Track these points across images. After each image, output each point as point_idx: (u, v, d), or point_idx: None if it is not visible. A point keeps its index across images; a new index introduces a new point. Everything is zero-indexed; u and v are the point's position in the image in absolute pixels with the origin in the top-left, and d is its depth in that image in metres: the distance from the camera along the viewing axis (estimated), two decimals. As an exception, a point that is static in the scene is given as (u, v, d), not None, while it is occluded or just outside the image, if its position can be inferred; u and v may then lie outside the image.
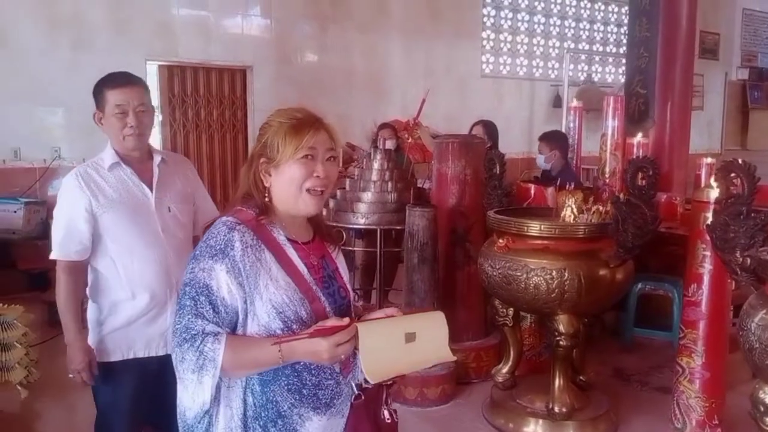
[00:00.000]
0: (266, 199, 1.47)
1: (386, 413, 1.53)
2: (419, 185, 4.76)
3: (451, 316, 3.79)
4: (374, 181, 4.18)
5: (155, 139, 6.45)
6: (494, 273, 3.07)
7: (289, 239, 1.49)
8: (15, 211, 5.30)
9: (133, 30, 6.00)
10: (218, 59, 6.50)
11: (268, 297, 1.40)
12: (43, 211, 5.54)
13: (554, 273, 2.89)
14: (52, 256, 2.15)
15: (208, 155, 6.61)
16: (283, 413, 1.44)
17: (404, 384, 3.44)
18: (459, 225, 3.79)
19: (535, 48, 8.75)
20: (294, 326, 1.41)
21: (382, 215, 4.07)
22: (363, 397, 1.52)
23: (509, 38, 8.50)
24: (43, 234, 5.47)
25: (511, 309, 3.30)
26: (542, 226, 2.96)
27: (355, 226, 4.14)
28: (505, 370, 3.41)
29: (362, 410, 1.52)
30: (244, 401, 1.44)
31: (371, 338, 1.37)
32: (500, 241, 3.07)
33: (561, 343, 3.01)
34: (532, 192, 3.95)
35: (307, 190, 1.45)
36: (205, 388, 1.37)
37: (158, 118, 6.45)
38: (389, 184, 4.16)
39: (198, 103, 6.54)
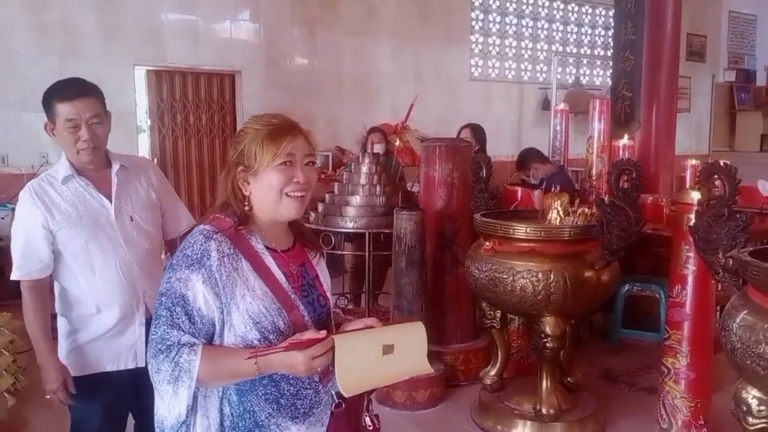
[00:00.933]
0: (246, 208, 1.46)
1: (368, 420, 1.54)
2: (408, 188, 4.78)
3: (439, 319, 3.81)
4: (363, 184, 4.19)
5: (143, 145, 6.44)
6: (481, 275, 3.08)
7: (267, 247, 1.48)
8: (2, 218, 5.27)
9: (121, 35, 6.00)
10: (207, 64, 6.49)
11: (244, 307, 1.39)
12: (31, 217, 5.50)
13: (540, 275, 2.91)
14: (13, 276, 2.05)
15: (197, 160, 6.60)
16: (260, 423, 1.43)
17: (393, 387, 3.44)
18: (447, 228, 3.81)
19: (523, 51, 8.79)
20: (271, 336, 1.40)
21: (371, 219, 4.08)
22: (344, 406, 1.52)
23: (498, 41, 8.54)
24: (31, 240, 5.44)
25: (499, 311, 3.32)
26: (528, 229, 2.97)
27: (343, 230, 4.16)
28: (493, 372, 3.43)
29: (343, 419, 1.52)
30: (221, 411, 1.43)
31: (347, 351, 1.36)
32: (487, 243, 3.08)
33: (548, 344, 3.03)
34: (519, 195, 3.98)
35: (287, 194, 1.44)
36: (181, 399, 1.36)
37: (146, 123, 6.44)
38: (378, 187, 4.17)
39: (186, 108, 6.53)
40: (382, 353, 1.41)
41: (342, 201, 4.19)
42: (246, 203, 1.46)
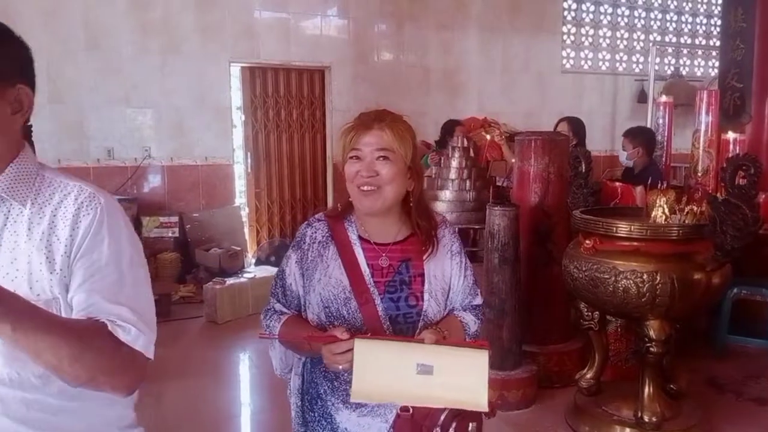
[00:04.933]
0: (349, 198, 1.54)
1: None
2: (497, 184, 4.68)
3: (532, 318, 3.72)
4: (452, 179, 4.14)
5: (237, 139, 6.63)
6: (580, 275, 2.97)
7: (361, 237, 1.52)
8: (109, 209, 5.57)
9: (218, 33, 6.20)
10: (298, 60, 6.61)
11: (319, 290, 1.51)
12: (134, 208, 5.82)
13: (645, 276, 2.77)
14: None
15: (287, 155, 6.74)
16: (320, 395, 1.56)
17: (484, 386, 3.39)
18: (541, 225, 3.70)
19: (618, 41, 8.43)
20: (336, 323, 1.48)
21: (461, 214, 4.02)
22: (410, 411, 1.47)
23: (591, 32, 8.23)
24: (134, 229, 5.75)
25: (597, 312, 3.19)
26: (632, 227, 2.83)
27: (433, 225, 4.11)
28: (589, 375, 3.30)
29: (407, 424, 1.47)
30: (302, 375, 1.62)
31: (366, 357, 1.34)
32: (587, 242, 2.96)
33: (651, 349, 2.88)
34: (620, 191, 3.80)
35: (358, 187, 1.48)
36: (271, 354, 1.66)
37: (240, 118, 6.65)
38: (468, 182, 4.11)
39: (278, 103, 6.68)
40: (416, 371, 1.33)
41: (431, 196, 4.15)
42: (349, 195, 1.54)
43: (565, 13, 8.03)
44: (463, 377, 1.34)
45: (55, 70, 5.53)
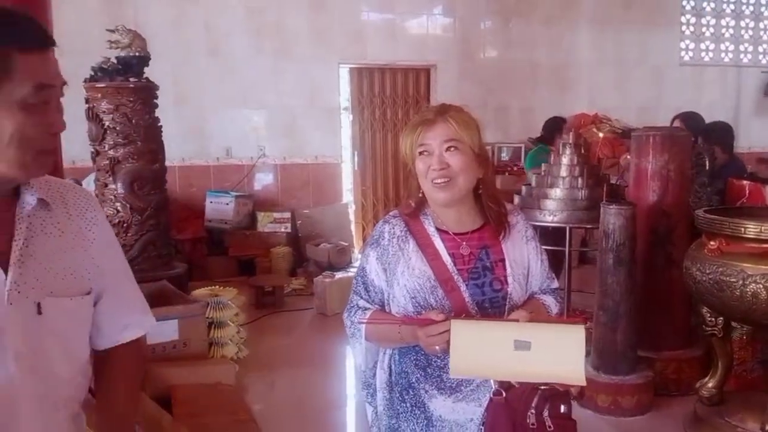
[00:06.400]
0: (420, 195, 1.60)
1: (533, 419, 1.46)
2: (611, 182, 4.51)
3: (648, 322, 3.57)
4: (563, 176, 4.04)
5: (345, 138, 6.82)
6: (703, 278, 2.81)
7: (439, 229, 1.57)
8: (227, 204, 5.94)
9: (328, 36, 6.41)
10: (403, 59, 6.70)
11: (403, 282, 1.55)
12: (250, 203, 6.14)
13: (777, 281, 2.58)
14: None
15: (392, 153, 6.85)
16: (412, 384, 1.58)
17: (596, 390, 3.29)
18: (660, 225, 3.54)
19: (743, 31, 7.88)
20: (424, 311, 1.51)
21: (572, 213, 3.92)
22: (504, 395, 1.49)
23: (713, 22, 7.74)
24: (250, 224, 6.09)
25: (721, 318, 3.01)
26: (762, 228, 2.65)
27: (542, 224, 4.03)
28: (711, 384, 3.12)
29: (501, 408, 1.49)
30: (390, 367, 1.63)
31: (463, 336, 1.37)
32: (711, 243, 2.80)
33: (783, 359, 2.69)
34: (747, 190, 3.57)
35: (432, 181, 1.52)
36: (356, 351, 1.67)
37: (348, 118, 6.83)
38: (579, 180, 3.99)
39: (384, 102, 6.80)
40: (514, 348, 1.36)
41: (540, 194, 4.08)
42: (420, 191, 1.59)
43: (684, 3, 7.62)
44: (561, 352, 1.37)
45: (179, 74, 5.93)
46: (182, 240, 5.69)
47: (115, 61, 4.26)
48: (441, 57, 6.79)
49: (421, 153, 1.53)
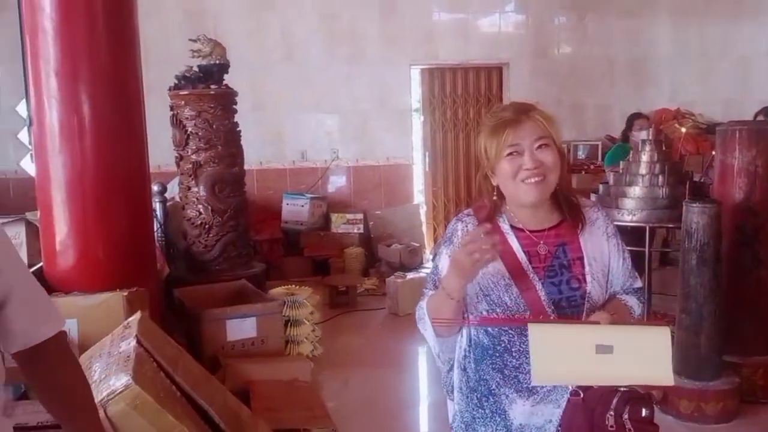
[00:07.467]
0: (494, 196, 1.57)
1: (611, 421, 1.42)
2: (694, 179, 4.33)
3: (735, 326, 3.43)
4: (643, 174, 3.91)
5: (417, 139, 6.86)
6: (795, 279, 2.67)
7: (514, 227, 1.55)
8: (302, 205, 6.11)
9: (399, 39, 6.48)
10: (475, 58, 6.67)
11: (476, 280, 1.50)
12: (324, 205, 6.29)
13: None
14: None
15: (464, 153, 6.83)
16: (492, 391, 1.55)
17: (678, 395, 3.18)
18: (747, 223, 3.38)
19: (839, 17, 7.36)
20: (498, 309, 1.51)
21: (652, 212, 3.79)
22: (581, 395, 1.46)
23: (807, 7, 7.27)
24: (324, 225, 6.23)
25: (816, 322, 2.85)
26: None
27: (621, 223, 3.91)
28: (805, 391, 2.96)
29: (579, 408, 1.46)
30: (465, 370, 1.60)
31: (543, 340, 1.34)
32: (804, 242, 2.66)
33: None
34: None
35: (522, 181, 1.49)
36: (427, 335, 1.60)
37: (420, 118, 6.86)
38: (660, 177, 3.86)
39: (456, 102, 6.80)
40: (596, 351, 1.33)
41: (619, 192, 3.96)
42: (494, 192, 1.57)
43: (773, -11, 7.19)
44: (646, 354, 1.34)
45: (256, 81, 6.12)
46: (260, 241, 5.87)
47: (197, 70, 4.46)
48: (513, 54, 6.72)
49: (509, 154, 1.49)
